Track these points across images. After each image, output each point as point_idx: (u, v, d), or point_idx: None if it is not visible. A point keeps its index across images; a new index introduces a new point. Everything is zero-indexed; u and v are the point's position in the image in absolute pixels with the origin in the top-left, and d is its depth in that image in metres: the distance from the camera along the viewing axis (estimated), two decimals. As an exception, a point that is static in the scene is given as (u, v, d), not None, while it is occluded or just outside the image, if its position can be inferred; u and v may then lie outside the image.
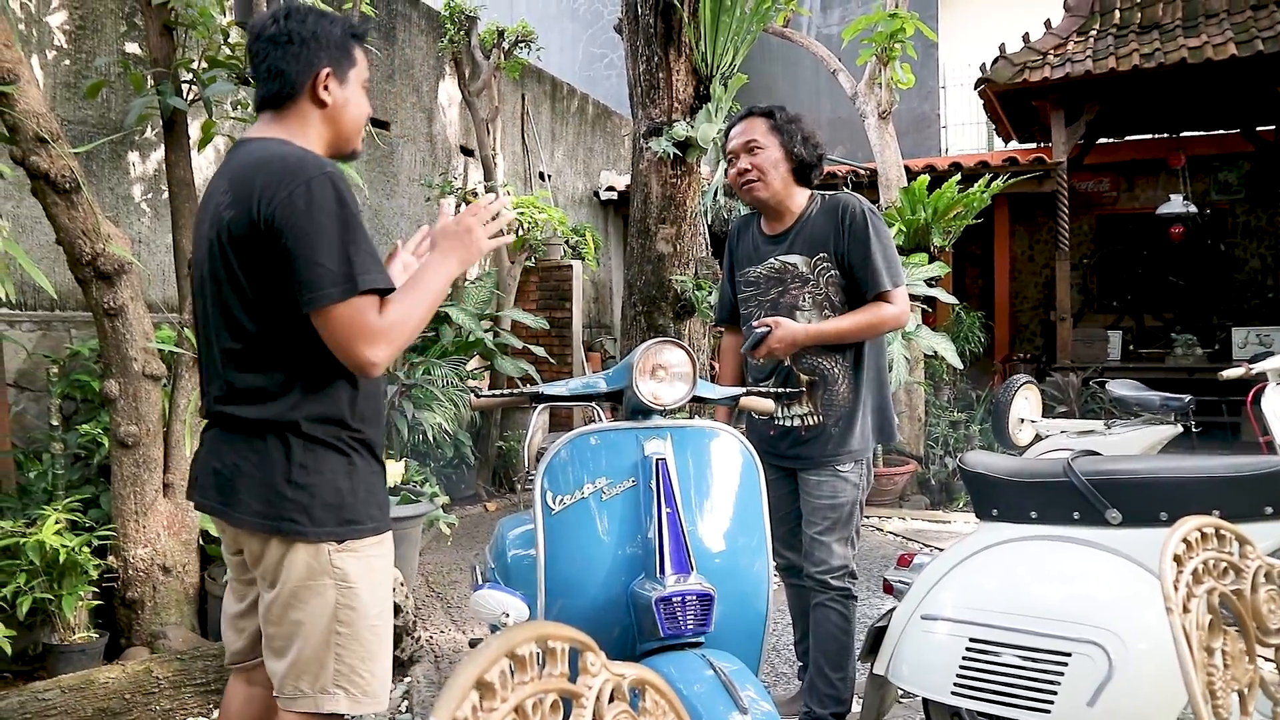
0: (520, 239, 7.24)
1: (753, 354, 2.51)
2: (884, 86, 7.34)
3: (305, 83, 1.79)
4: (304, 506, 1.72)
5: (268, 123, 1.83)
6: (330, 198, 1.66)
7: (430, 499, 4.51)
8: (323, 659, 1.74)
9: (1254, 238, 10.07)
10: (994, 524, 2.29)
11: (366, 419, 1.82)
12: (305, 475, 1.72)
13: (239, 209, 1.68)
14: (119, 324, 3.25)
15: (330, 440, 1.75)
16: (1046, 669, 1.97)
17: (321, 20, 1.81)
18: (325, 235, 1.64)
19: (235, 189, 1.70)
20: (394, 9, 6.83)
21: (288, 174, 1.65)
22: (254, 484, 1.73)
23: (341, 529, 1.75)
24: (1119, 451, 4.12)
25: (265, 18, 1.83)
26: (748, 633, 1.95)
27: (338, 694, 1.75)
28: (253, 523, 1.73)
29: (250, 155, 1.74)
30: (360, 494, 1.78)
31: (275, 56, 1.78)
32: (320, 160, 1.72)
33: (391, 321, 1.68)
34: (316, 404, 1.74)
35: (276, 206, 1.64)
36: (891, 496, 6.50)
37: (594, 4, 12.74)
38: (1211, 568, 1.25)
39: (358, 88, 1.88)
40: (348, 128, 1.88)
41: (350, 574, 1.75)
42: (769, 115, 2.68)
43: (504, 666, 0.76)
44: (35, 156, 2.97)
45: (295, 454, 1.72)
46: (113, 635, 3.37)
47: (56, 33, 4.35)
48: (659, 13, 4.81)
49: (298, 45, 1.78)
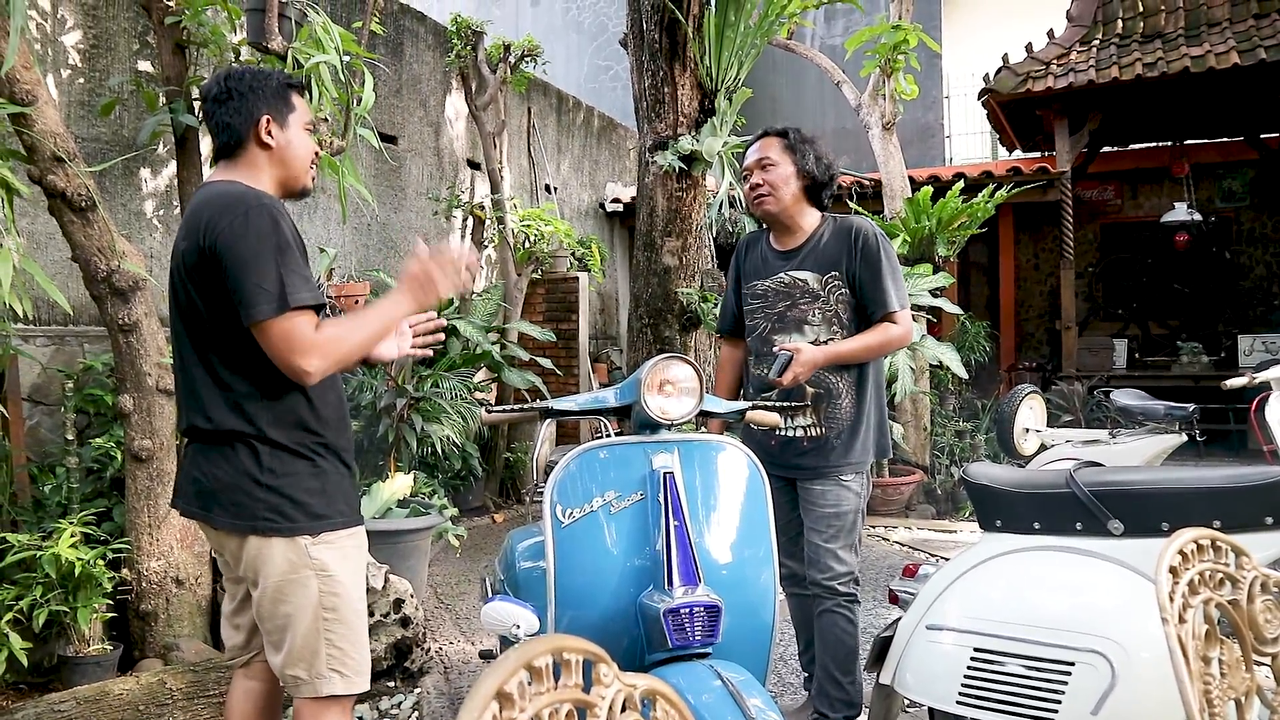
0: (526, 251, 7.29)
1: (777, 381, 2.55)
2: (888, 97, 7.39)
3: (249, 130, 2.01)
4: (275, 506, 1.89)
5: (222, 169, 2.06)
6: (266, 225, 1.84)
7: (439, 511, 4.55)
8: (315, 646, 1.91)
9: (1259, 245, 10.08)
10: (998, 535, 2.32)
11: (330, 425, 1.99)
12: (274, 478, 1.89)
13: (190, 241, 1.89)
14: (133, 339, 3.30)
15: (294, 446, 1.93)
16: (1051, 678, 2.00)
17: (257, 76, 2.05)
18: (260, 259, 1.81)
19: (188, 224, 1.92)
20: (402, 25, 6.90)
21: (228, 207, 1.86)
22: (228, 489, 1.90)
23: (315, 523, 1.91)
24: (1124, 461, 4.14)
25: (210, 82, 2.08)
26: (755, 643, 1.98)
27: (333, 677, 1.92)
28: (230, 524, 1.90)
29: (202, 196, 1.96)
30: (329, 492, 1.96)
31: (220, 112, 2.02)
32: (260, 194, 1.92)
33: (327, 337, 1.85)
34: (277, 414, 1.92)
35: (218, 235, 1.83)
36: (897, 506, 6.52)
37: (599, 17, 12.83)
38: (1208, 579, 1.28)
39: (299, 129, 2.09)
40: (294, 166, 2.08)
41: (329, 564, 1.92)
42: (783, 135, 2.78)
43: (522, 678, 0.80)
44: (52, 175, 3.03)
45: (264, 459, 1.90)
46: (126, 647, 3.41)
47: (71, 52, 4.42)
48: (664, 28, 4.87)
49: (238, 100, 2.01)
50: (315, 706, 1.94)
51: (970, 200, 6.58)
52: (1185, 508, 2.06)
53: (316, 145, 2.15)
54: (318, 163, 2.17)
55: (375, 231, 6.60)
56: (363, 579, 2.04)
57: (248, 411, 1.90)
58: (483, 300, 6.98)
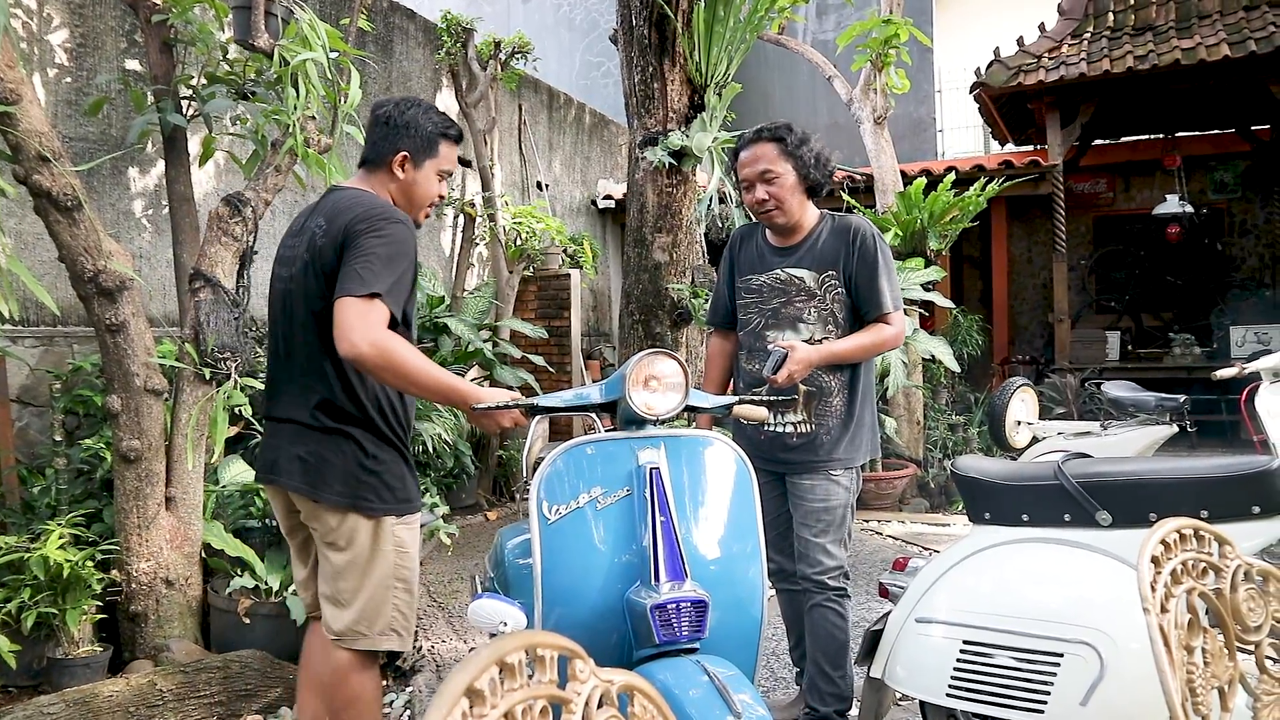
0: (518, 249, 7.28)
1: (772, 379, 2.54)
2: (879, 92, 7.39)
3: (387, 158, 2.27)
4: (375, 488, 2.17)
5: (360, 178, 2.32)
6: (397, 236, 2.07)
7: (430, 509, 4.54)
8: (382, 609, 2.21)
9: (1251, 236, 10.10)
10: (987, 527, 2.32)
11: (406, 421, 2.30)
12: (377, 464, 2.18)
13: (330, 237, 2.10)
14: (121, 339, 3.28)
15: (390, 436, 2.21)
16: (1039, 670, 2.00)
17: (420, 114, 2.28)
18: (377, 256, 2.02)
19: (330, 222, 2.13)
20: (391, 22, 6.88)
21: (375, 211, 2.10)
22: (338, 470, 2.15)
23: (400, 505, 2.22)
24: (1115, 453, 4.14)
25: (383, 101, 2.32)
26: (743, 638, 1.98)
27: (392, 636, 2.23)
28: (335, 500, 2.15)
29: (342, 199, 2.19)
30: (408, 479, 2.26)
31: (374, 131, 2.28)
32: (400, 213, 2.17)
33: (389, 338, 1.99)
34: (380, 406, 2.19)
35: (357, 230, 2.06)
36: (891, 500, 6.52)
37: (590, 14, 12.80)
38: (1190, 568, 1.28)
39: (431, 174, 2.32)
40: (413, 202, 2.32)
41: (405, 541, 2.24)
42: (779, 140, 2.68)
43: (493, 674, 0.79)
44: (37, 175, 3.01)
45: (368, 447, 2.17)
46: (116, 649, 3.40)
47: (58, 51, 4.40)
48: (653, 24, 4.86)
49: (390, 128, 2.26)
50: (360, 660, 2.22)
51: (962, 194, 6.58)
52: (1173, 498, 2.06)
53: (443, 192, 2.38)
54: (437, 205, 2.41)
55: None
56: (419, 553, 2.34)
57: (360, 401, 2.16)
58: (474, 298, 6.97)
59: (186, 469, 3.48)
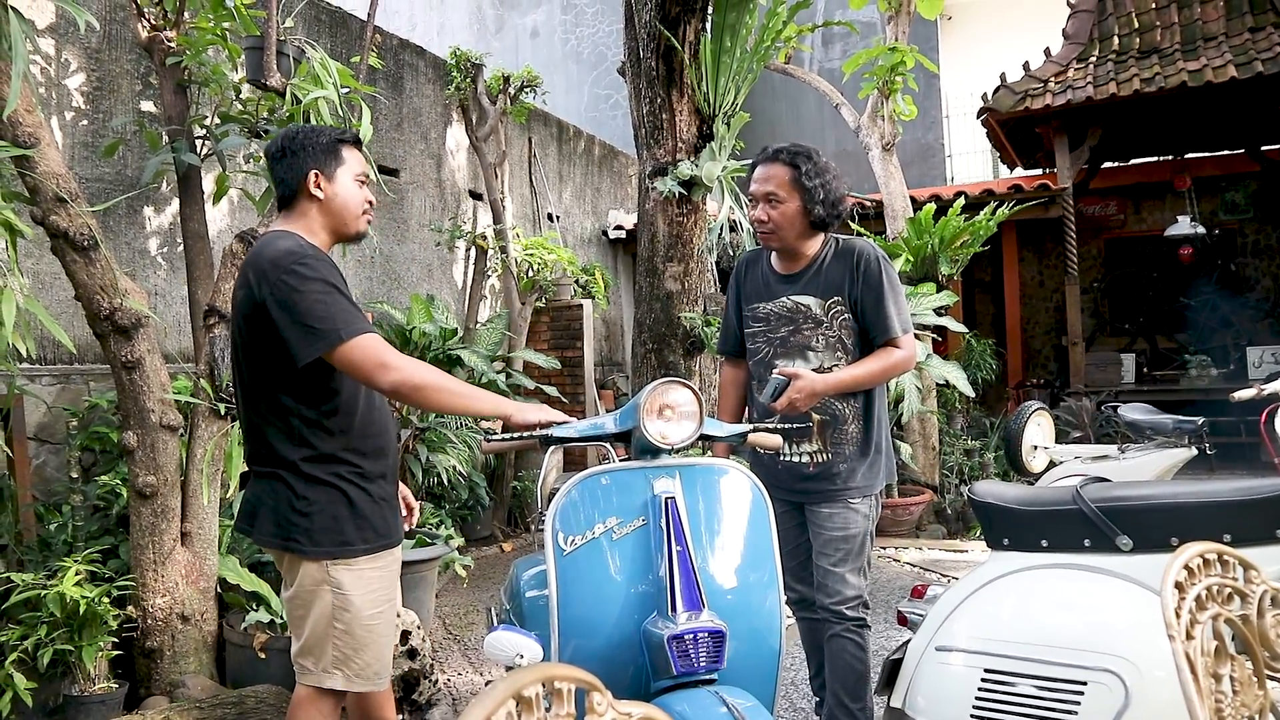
0: (530, 280, 7.31)
1: (773, 405, 2.53)
2: (887, 119, 7.42)
3: (299, 185, 2.23)
4: (305, 530, 2.14)
5: (281, 220, 2.29)
6: (306, 275, 2.06)
7: (445, 541, 4.53)
8: (323, 646, 2.18)
9: (1264, 256, 10.05)
10: (1005, 553, 2.30)
11: (369, 455, 2.23)
12: (307, 505, 2.15)
13: (244, 290, 2.13)
14: (136, 376, 3.31)
15: (326, 478, 2.16)
16: (1063, 698, 1.97)
17: (310, 134, 2.26)
18: (311, 312, 2.04)
19: (242, 274, 2.16)
20: (401, 59, 6.97)
21: (275, 263, 2.08)
22: (269, 511, 2.17)
23: (337, 549, 2.16)
24: (1134, 476, 4.10)
25: (272, 141, 2.30)
26: (762, 669, 1.96)
27: (336, 674, 2.19)
28: (268, 541, 2.19)
29: (255, 250, 2.18)
30: (358, 520, 2.18)
31: (277, 169, 2.25)
32: (304, 248, 2.13)
33: (402, 358, 2.08)
34: (316, 450, 2.15)
35: (270, 289, 2.06)
36: (908, 527, 6.47)
37: (598, 47, 12.95)
38: (1216, 594, 1.26)
39: (348, 180, 2.28)
40: (343, 215, 2.28)
41: (344, 584, 2.16)
42: (794, 166, 2.63)
43: (510, 708, 0.78)
44: (55, 216, 3.05)
45: (298, 489, 2.15)
46: (132, 685, 3.38)
47: (75, 94, 4.47)
48: (660, 55, 4.91)
49: (290, 157, 2.23)
50: (311, 694, 2.22)
51: (972, 218, 6.58)
52: (1194, 522, 2.04)
53: (369, 195, 2.34)
54: (370, 211, 2.34)
55: (379, 264, 6.63)
56: (384, 597, 2.25)
57: (288, 447, 2.15)
58: (487, 329, 6.99)
59: (202, 504, 3.48)
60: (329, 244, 2.30)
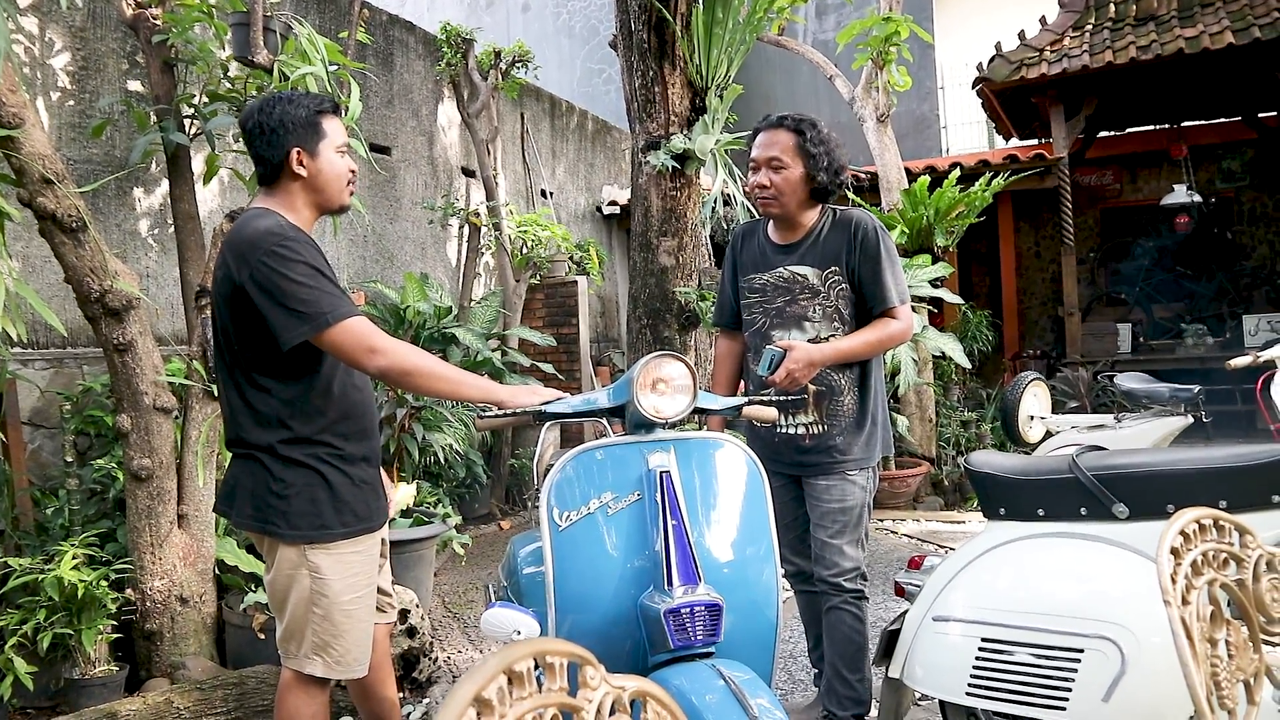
0: (524, 257, 7.28)
1: (770, 379, 2.51)
2: (881, 90, 7.37)
3: (281, 163, 2.16)
4: (283, 513, 2.11)
5: (262, 197, 2.23)
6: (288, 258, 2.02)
7: (442, 519, 4.53)
8: (302, 631, 2.15)
9: (1261, 224, 10.02)
10: (1002, 523, 2.30)
11: (350, 438, 2.19)
12: (284, 488, 2.11)
13: (223, 271, 2.08)
14: (129, 359, 3.29)
15: (304, 460, 2.12)
16: (1060, 666, 1.97)
17: (287, 107, 2.16)
18: (294, 295, 2.01)
19: (221, 255, 2.11)
20: (391, 35, 6.90)
21: (254, 244, 2.03)
22: (247, 493, 2.15)
23: (315, 532, 2.12)
24: (1130, 445, 4.11)
25: (245, 114, 2.20)
26: (759, 641, 1.96)
27: (316, 660, 2.16)
28: (246, 524, 2.17)
29: (234, 229, 2.12)
30: (337, 503, 2.15)
31: (256, 145, 2.17)
32: (284, 228, 2.08)
33: (391, 340, 2.04)
34: (294, 432, 2.12)
35: (250, 271, 2.02)
36: (905, 499, 6.49)
37: (590, 20, 12.82)
38: (1211, 559, 1.26)
39: (331, 154, 2.21)
40: (328, 190, 2.22)
41: (322, 568, 2.13)
42: (799, 132, 2.61)
43: (501, 683, 0.78)
44: (42, 198, 3.02)
45: (275, 472, 2.11)
46: (132, 667, 3.40)
47: (61, 74, 4.42)
48: (652, 28, 4.85)
49: (268, 134, 2.14)
50: (299, 680, 2.19)
51: (968, 189, 6.55)
52: (1190, 489, 2.04)
53: (352, 164, 2.27)
54: (354, 181, 2.28)
55: (371, 242, 6.59)
56: (363, 581, 2.22)
57: (266, 429, 2.12)
58: (482, 307, 6.97)
59: (198, 486, 3.48)
60: (313, 219, 2.25)
